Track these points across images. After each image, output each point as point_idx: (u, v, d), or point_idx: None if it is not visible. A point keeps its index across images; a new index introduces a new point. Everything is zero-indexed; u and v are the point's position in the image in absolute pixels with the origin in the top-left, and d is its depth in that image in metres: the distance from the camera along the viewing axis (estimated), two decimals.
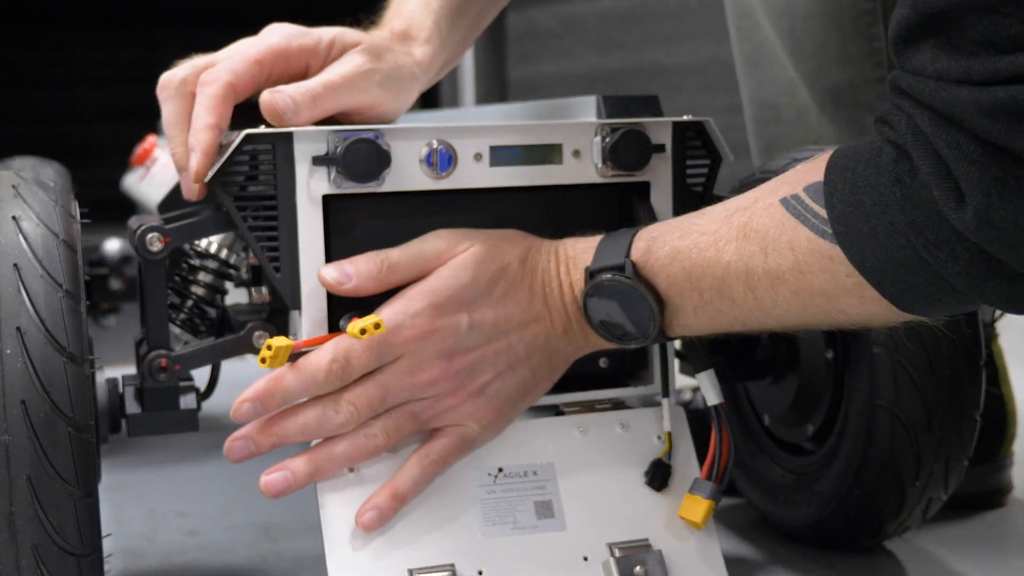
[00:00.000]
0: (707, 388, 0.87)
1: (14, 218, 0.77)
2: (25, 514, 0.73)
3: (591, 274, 0.82)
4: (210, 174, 0.84)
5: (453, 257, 0.83)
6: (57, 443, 0.73)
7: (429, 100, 3.74)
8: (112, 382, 0.89)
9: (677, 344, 0.92)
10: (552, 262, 0.85)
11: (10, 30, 3.95)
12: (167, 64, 0.92)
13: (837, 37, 1.14)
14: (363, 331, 0.78)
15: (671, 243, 0.80)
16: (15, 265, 0.75)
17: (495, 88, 3.26)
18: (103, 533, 0.77)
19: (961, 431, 0.95)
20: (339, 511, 0.83)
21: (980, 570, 1.02)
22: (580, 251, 0.84)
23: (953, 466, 0.96)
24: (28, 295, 0.74)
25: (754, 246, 0.76)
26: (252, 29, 0.94)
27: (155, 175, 1.23)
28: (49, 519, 0.73)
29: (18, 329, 0.73)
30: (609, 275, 0.81)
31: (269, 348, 0.80)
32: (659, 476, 0.88)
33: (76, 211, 0.81)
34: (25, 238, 0.76)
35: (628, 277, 0.80)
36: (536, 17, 3.08)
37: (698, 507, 0.86)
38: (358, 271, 0.83)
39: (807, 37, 1.15)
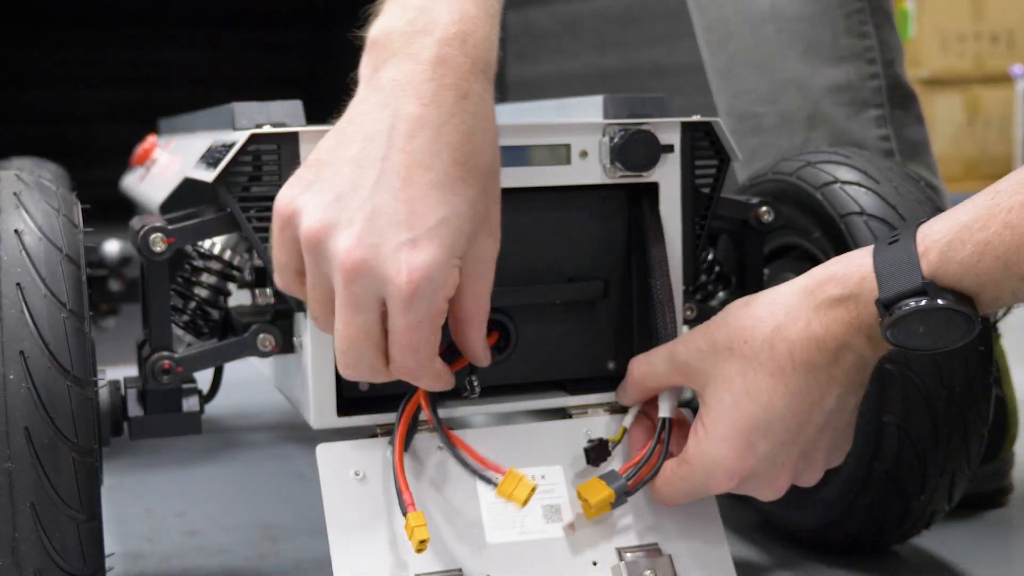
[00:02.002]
0: (664, 399, 0.86)
1: (16, 232, 0.75)
2: (28, 540, 0.72)
3: (885, 305, 0.75)
4: (214, 174, 0.83)
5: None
6: (61, 469, 0.72)
7: None
8: (114, 384, 0.88)
9: None
10: (809, 321, 0.77)
11: (9, 30, 3.95)
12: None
13: (829, 36, 1.15)
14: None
15: (974, 238, 0.73)
16: (18, 284, 0.74)
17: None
18: (105, 547, 0.76)
19: (968, 446, 0.95)
20: (344, 515, 0.83)
21: (982, 569, 1.01)
22: (843, 287, 0.77)
23: (958, 480, 0.96)
24: (31, 316, 0.73)
25: None
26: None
27: (155, 176, 1.22)
28: (52, 544, 0.72)
29: (21, 353, 0.72)
30: (912, 303, 0.74)
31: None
32: (597, 454, 0.86)
33: (79, 217, 0.80)
34: (28, 255, 0.75)
35: (935, 299, 0.73)
36: (534, 16, 3.08)
37: (599, 491, 0.83)
38: None
39: (796, 39, 1.15)
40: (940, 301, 0.73)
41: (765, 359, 0.77)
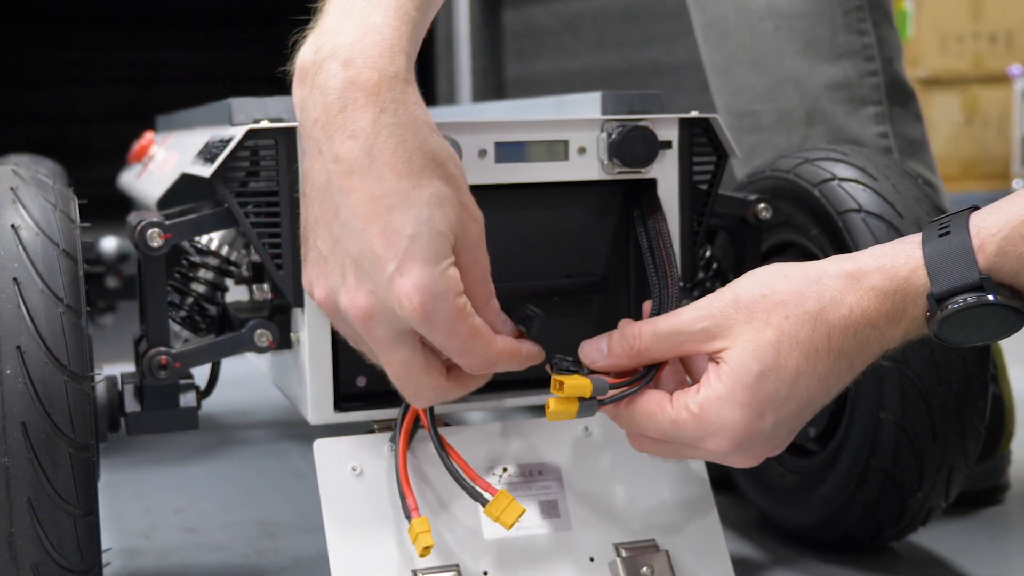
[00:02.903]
0: None
1: (13, 227, 0.75)
2: (25, 535, 0.72)
3: (938, 300, 0.75)
4: (212, 169, 0.83)
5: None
6: (58, 464, 0.72)
7: (426, 98, 3.74)
8: (111, 380, 0.88)
9: None
10: (851, 308, 0.76)
11: (10, 31, 3.94)
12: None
13: (827, 33, 1.15)
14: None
15: None
16: (15, 279, 0.74)
17: (492, 85, 3.25)
18: (102, 542, 0.77)
19: (966, 443, 0.95)
20: (342, 510, 0.83)
21: (980, 566, 1.01)
22: (890, 280, 0.76)
23: (955, 476, 0.96)
24: (28, 311, 0.73)
25: None
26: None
27: (152, 172, 1.22)
28: (49, 539, 0.72)
29: (18, 348, 0.72)
30: (968, 298, 0.73)
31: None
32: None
33: (76, 212, 0.80)
34: (25, 249, 0.75)
35: (991, 295, 0.73)
36: (534, 15, 3.08)
37: (576, 379, 0.79)
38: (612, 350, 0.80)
39: (794, 36, 1.16)
40: (998, 297, 0.73)
41: (803, 338, 0.76)
